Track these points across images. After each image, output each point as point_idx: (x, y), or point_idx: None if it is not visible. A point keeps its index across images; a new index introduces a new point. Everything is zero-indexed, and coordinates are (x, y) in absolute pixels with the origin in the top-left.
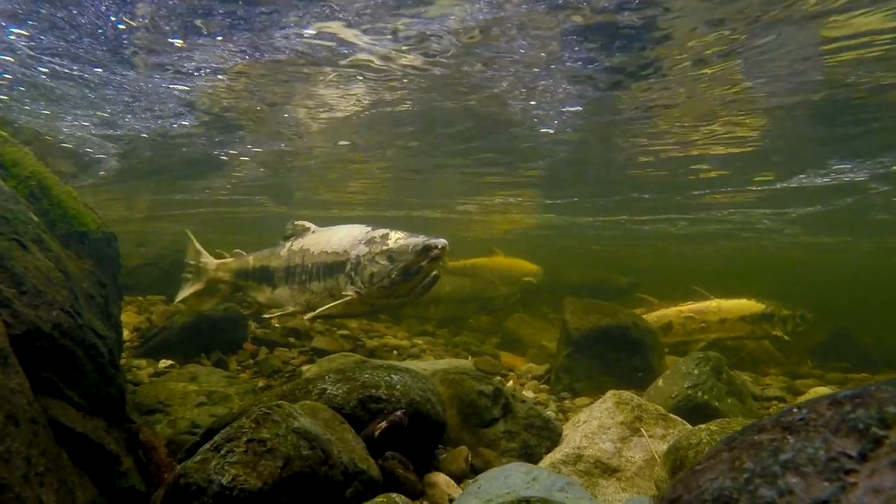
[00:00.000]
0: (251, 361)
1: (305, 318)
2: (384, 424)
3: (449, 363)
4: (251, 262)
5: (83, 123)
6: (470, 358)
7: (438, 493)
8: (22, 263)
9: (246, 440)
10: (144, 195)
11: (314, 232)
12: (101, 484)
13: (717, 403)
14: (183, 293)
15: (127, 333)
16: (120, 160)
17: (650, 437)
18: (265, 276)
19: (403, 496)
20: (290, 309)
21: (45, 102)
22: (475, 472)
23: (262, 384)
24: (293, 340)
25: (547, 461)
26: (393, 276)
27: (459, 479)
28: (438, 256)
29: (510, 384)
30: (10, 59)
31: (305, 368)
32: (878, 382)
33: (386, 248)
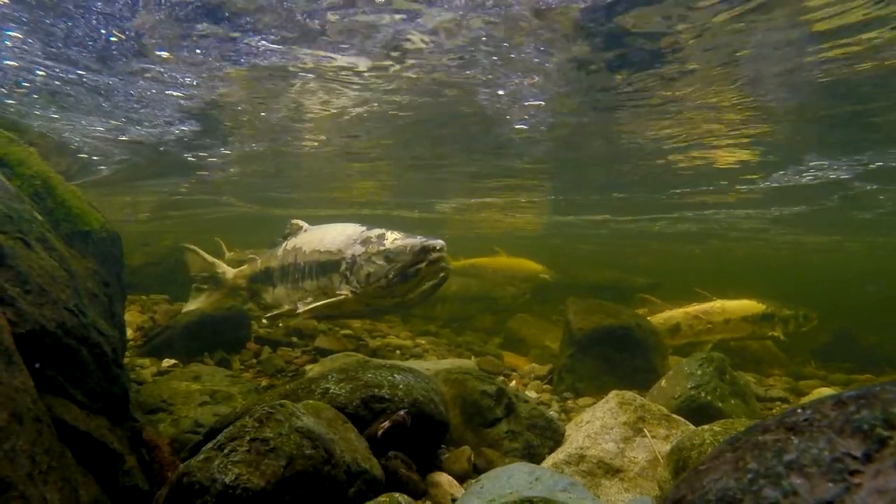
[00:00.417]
0: (254, 361)
1: (297, 311)
2: (387, 424)
3: (452, 363)
4: (259, 264)
5: (97, 128)
6: (473, 358)
7: (441, 492)
8: (26, 262)
9: (249, 439)
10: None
11: (306, 231)
12: (104, 482)
13: (720, 404)
14: (195, 303)
15: (130, 332)
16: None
17: (653, 437)
18: (267, 276)
19: (406, 496)
20: (285, 307)
21: (56, 108)
22: (478, 471)
23: (265, 383)
24: (296, 340)
25: (550, 461)
26: (390, 276)
27: (462, 478)
28: (437, 258)
29: (513, 384)
30: (12, 63)
31: (308, 368)
32: (882, 383)
33: (383, 248)
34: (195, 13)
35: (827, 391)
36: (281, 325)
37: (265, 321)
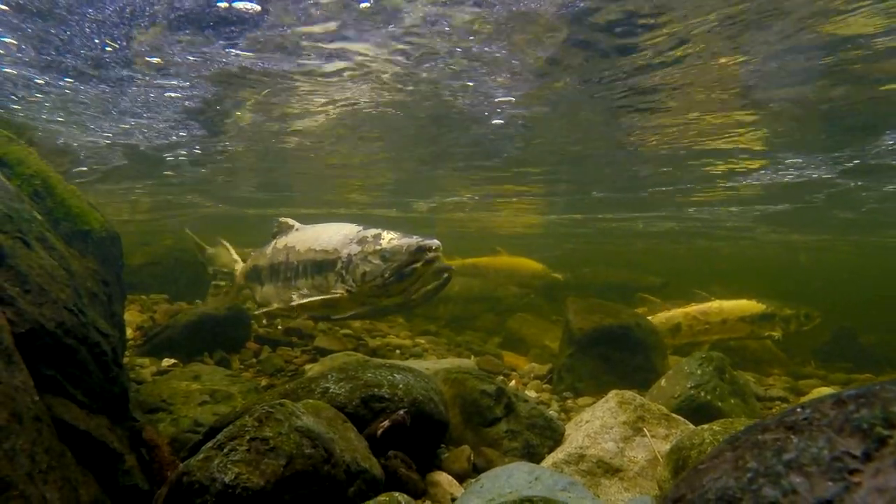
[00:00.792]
0: (254, 360)
1: (292, 304)
2: (387, 423)
3: (451, 363)
4: (249, 263)
5: (105, 134)
6: (472, 357)
7: (441, 492)
8: (26, 262)
9: (249, 439)
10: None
11: (298, 230)
12: (104, 482)
13: (720, 404)
14: (218, 300)
15: (130, 332)
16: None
17: (653, 437)
18: (256, 275)
19: (406, 495)
20: (274, 306)
21: (63, 114)
22: (478, 471)
23: (264, 383)
24: (296, 340)
25: (549, 461)
26: (386, 275)
27: (462, 478)
28: (433, 258)
29: (513, 384)
30: (12, 71)
31: (308, 367)
32: (882, 382)
33: (379, 247)
34: (185, 20)
35: (826, 391)
36: (281, 326)
37: (264, 321)
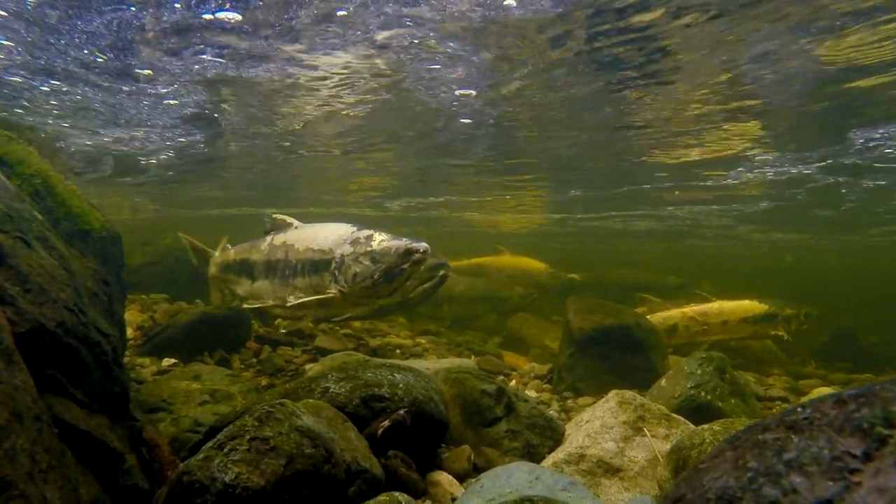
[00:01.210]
0: (254, 360)
1: (287, 305)
2: (387, 423)
3: (452, 362)
4: (232, 255)
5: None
6: (473, 357)
7: (441, 491)
8: (26, 261)
9: (249, 438)
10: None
11: (297, 228)
12: (104, 481)
13: (720, 403)
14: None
15: (130, 332)
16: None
17: (653, 436)
18: (245, 268)
19: (406, 495)
20: (269, 302)
21: (71, 120)
22: (478, 471)
23: (265, 383)
24: (296, 339)
25: (549, 460)
26: (375, 276)
27: (462, 478)
28: (420, 260)
29: (513, 384)
30: (16, 79)
31: (308, 367)
32: (882, 382)
33: (370, 249)
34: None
35: (827, 390)
36: (284, 330)
37: (250, 310)
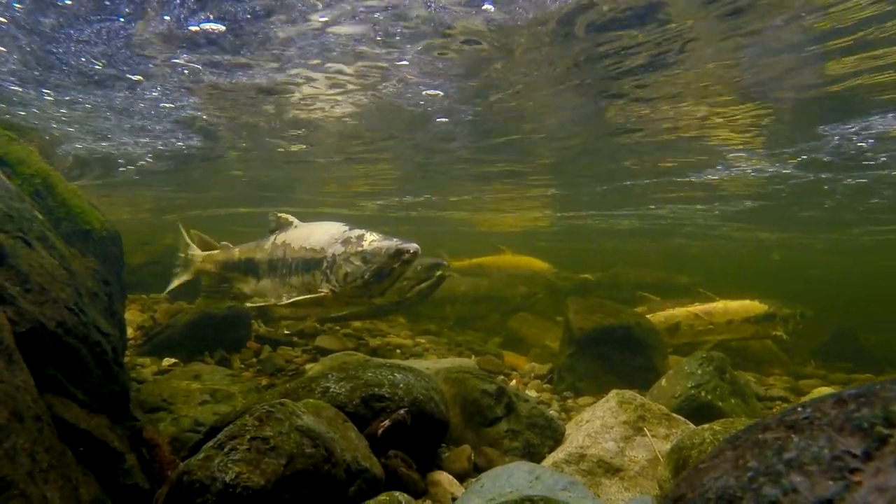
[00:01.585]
0: (254, 360)
1: (281, 303)
2: (387, 423)
3: (452, 362)
4: (237, 254)
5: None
6: (473, 357)
7: (441, 491)
8: (27, 261)
9: (249, 438)
10: None
11: (296, 226)
12: (104, 481)
13: (720, 403)
14: (172, 285)
15: (131, 331)
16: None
17: (653, 436)
18: (250, 267)
19: (406, 494)
20: (271, 300)
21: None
22: (478, 470)
23: (265, 382)
24: (296, 339)
25: (550, 460)
26: (366, 276)
27: (462, 477)
28: (410, 260)
29: (513, 383)
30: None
31: (308, 367)
32: (882, 382)
33: (361, 249)
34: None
35: (827, 390)
36: (287, 331)
37: (251, 308)
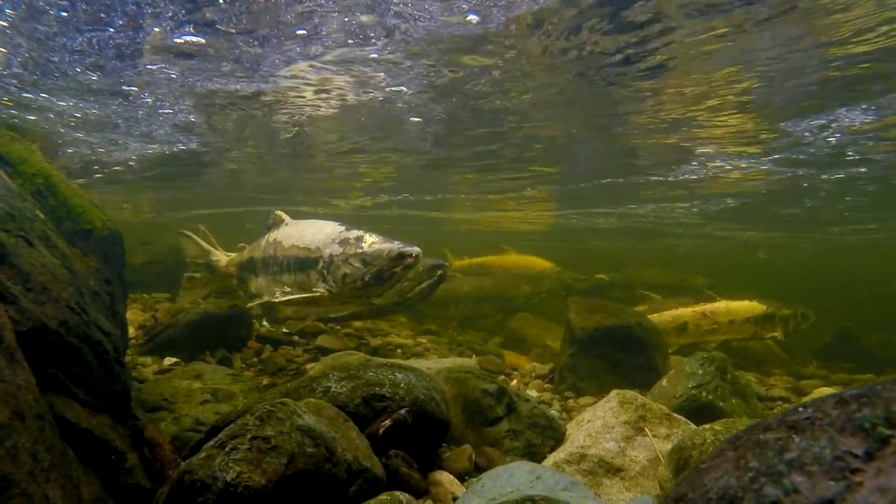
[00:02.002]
0: (256, 359)
1: (274, 301)
2: (388, 422)
3: (453, 362)
4: (245, 254)
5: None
6: (474, 357)
7: (442, 491)
8: (28, 260)
9: (250, 437)
10: None
11: (287, 224)
12: (106, 480)
13: (721, 403)
14: (192, 294)
15: (132, 331)
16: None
17: (654, 436)
18: (251, 266)
19: (407, 494)
20: (265, 298)
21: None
22: (479, 470)
23: (266, 382)
24: (297, 339)
25: (550, 460)
26: (366, 279)
27: (463, 477)
28: (412, 264)
29: (514, 383)
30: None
31: (310, 366)
32: (884, 382)
33: (360, 251)
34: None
35: (828, 391)
36: (287, 330)
37: (268, 319)
